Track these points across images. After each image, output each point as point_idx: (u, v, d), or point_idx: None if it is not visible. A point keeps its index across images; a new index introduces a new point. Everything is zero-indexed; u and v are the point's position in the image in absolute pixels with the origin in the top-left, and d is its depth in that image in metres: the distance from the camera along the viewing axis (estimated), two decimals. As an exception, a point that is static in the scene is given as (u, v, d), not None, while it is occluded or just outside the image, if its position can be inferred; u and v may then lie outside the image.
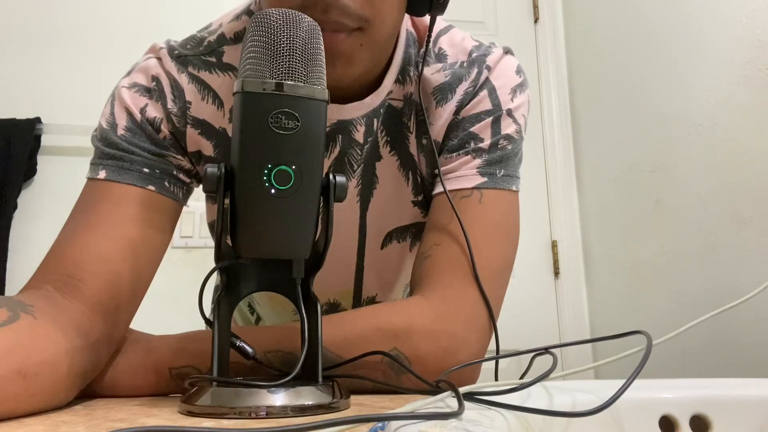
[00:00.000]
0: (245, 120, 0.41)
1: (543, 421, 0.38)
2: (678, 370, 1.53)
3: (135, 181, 0.57)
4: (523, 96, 0.66)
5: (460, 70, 0.64)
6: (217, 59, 0.61)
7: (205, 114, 0.60)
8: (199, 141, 0.61)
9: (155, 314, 0.88)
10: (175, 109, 0.59)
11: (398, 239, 0.71)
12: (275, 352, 0.51)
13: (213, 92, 0.60)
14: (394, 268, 0.74)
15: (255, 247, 0.43)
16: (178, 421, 0.39)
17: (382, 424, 0.31)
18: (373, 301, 0.77)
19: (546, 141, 2.21)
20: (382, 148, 0.66)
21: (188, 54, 0.61)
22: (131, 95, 0.59)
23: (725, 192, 1.46)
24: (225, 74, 0.61)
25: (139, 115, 0.59)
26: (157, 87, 0.60)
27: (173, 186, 0.60)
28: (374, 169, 0.66)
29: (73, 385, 0.46)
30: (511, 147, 0.63)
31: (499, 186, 0.61)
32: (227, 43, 0.62)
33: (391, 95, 0.64)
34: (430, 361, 0.53)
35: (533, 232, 2.14)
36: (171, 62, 0.60)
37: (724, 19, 1.48)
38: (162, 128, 0.59)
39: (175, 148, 0.60)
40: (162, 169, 0.59)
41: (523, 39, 2.30)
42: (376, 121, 0.64)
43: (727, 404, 0.43)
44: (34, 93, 1.82)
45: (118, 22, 1.90)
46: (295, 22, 0.42)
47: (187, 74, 0.60)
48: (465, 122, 0.63)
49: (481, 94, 0.63)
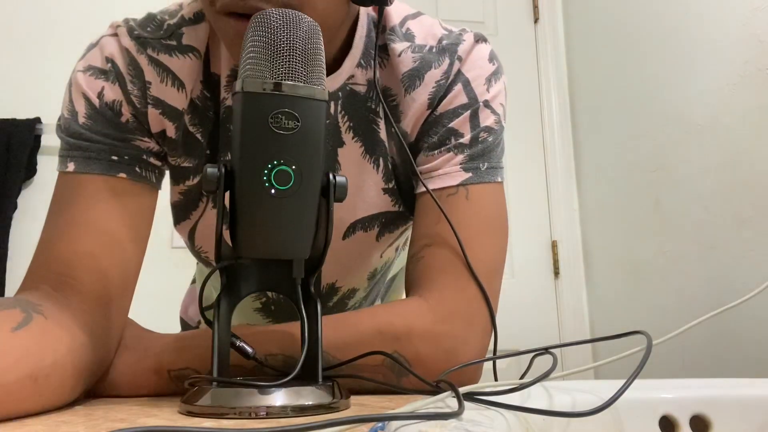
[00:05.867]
0: (245, 120, 0.41)
1: (543, 421, 0.38)
2: (678, 370, 1.53)
3: (104, 171, 0.56)
4: (499, 84, 0.64)
5: (429, 56, 0.62)
6: (177, 42, 0.59)
7: (166, 96, 0.59)
8: (162, 121, 0.59)
9: (155, 314, 0.88)
10: (135, 90, 0.58)
11: (364, 228, 0.68)
12: (275, 356, 0.51)
13: (173, 74, 0.59)
14: (357, 257, 0.72)
15: (255, 247, 0.43)
16: (178, 422, 0.39)
17: (382, 424, 0.31)
18: (333, 288, 0.75)
19: (546, 141, 2.21)
20: (345, 133, 0.64)
21: (147, 37, 0.59)
22: (86, 79, 0.58)
23: (725, 192, 1.46)
24: (185, 56, 0.59)
25: (97, 100, 0.57)
26: (113, 68, 0.58)
27: (144, 171, 0.59)
28: (336, 156, 0.64)
29: (79, 382, 0.47)
30: (492, 138, 0.62)
31: (485, 180, 0.61)
32: (186, 24, 0.60)
33: (353, 80, 0.63)
34: (431, 363, 0.53)
35: (533, 232, 2.14)
36: (130, 41, 0.58)
37: (724, 19, 1.48)
38: (122, 111, 0.57)
39: (139, 131, 0.59)
40: (130, 155, 0.57)
41: (523, 39, 2.30)
42: (334, 105, 0.63)
43: (727, 404, 0.43)
44: (34, 93, 1.82)
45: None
46: (295, 23, 0.42)
47: (146, 56, 0.58)
48: (443, 118, 0.62)
49: (455, 88, 0.62)
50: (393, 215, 0.69)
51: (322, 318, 0.47)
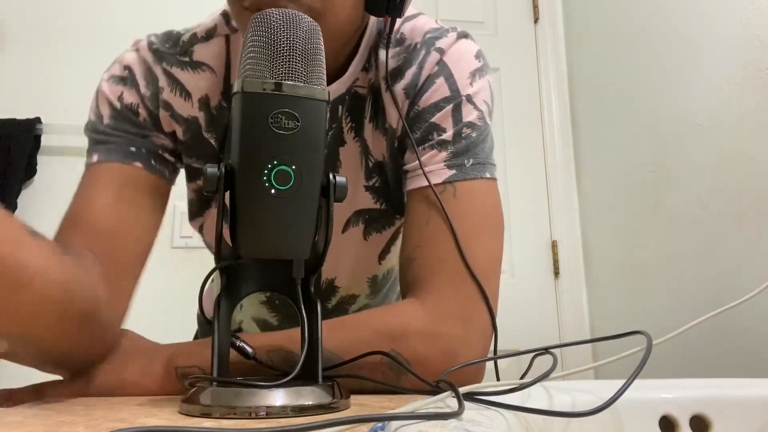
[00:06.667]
0: (245, 120, 0.41)
1: (543, 421, 0.38)
2: (678, 370, 1.53)
3: (122, 159, 0.62)
4: (483, 81, 0.64)
5: (411, 53, 0.63)
6: (189, 58, 0.65)
7: (174, 102, 0.65)
8: (171, 123, 0.66)
9: (155, 314, 0.88)
10: (148, 94, 0.64)
11: (353, 224, 0.71)
12: (276, 351, 0.51)
13: (181, 86, 0.65)
14: (350, 255, 0.74)
15: (255, 247, 0.43)
16: (178, 421, 0.39)
17: (382, 424, 0.31)
18: (332, 286, 0.77)
19: (546, 141, 2.21)
20: (347, 134, 0.66)
21: (164, 52, 0.66)
22: (109, 87, 0.65)
23: (725, 192, 1.46)
24: (195, 71, 0.65)
25: (118, 103, 0.64)
26: (129, 75, 0.65)
27: (159, 164, 0.65)
28: (338, 154, 0.67)
29: (74, 317, 0.49)
30: (476, 134, 0.61)
31: (470, 176, 0.60)
32: (198, 42, 0.66)
33: (357, 83, 0.65)
34: (429, 364, 0.53)
35: (533, 232, 2.14)
36: (148, 53, 0.66)
37: (724, 19, 1.48)
38: (140, 111, 0.64)
39: (156, 128, 0.65)
40: (147, 148, 0.64)
41: (523, 39, 2.30)
42: (341, 108, 0.65)
43: (727, 404, 0.43)
44: (34, 93, 1.82)
45: (118, 22, 1.90)
46: (295, 23, 0.42)
47: (160, 68, 0.65)
48: (425, 113, 0.62)
49: (438, 81, 0.62)
50: (376, 213, 0.70)
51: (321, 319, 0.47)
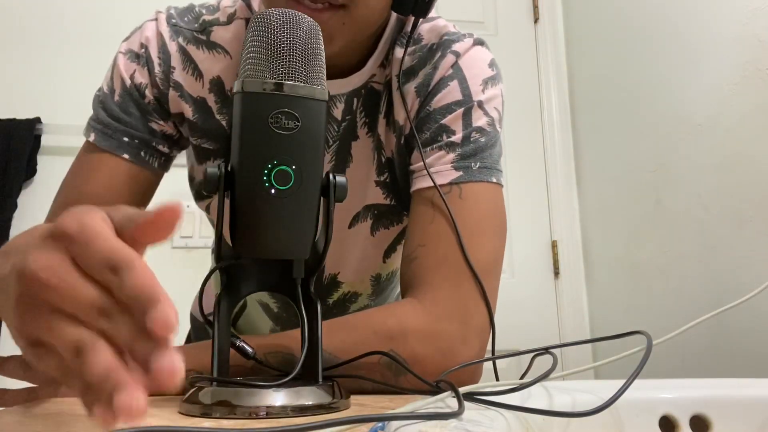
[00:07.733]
0: (245, 120, 0.41)
1: (543, 421, 0.38)
2: (678, 370, 1.53)
3: (113, 149, 0.64)
4: (496, 89, 0.65)
5: (427, 53, 0.64)
6: (206, 37, 0.65)
7: (185, 82, 0.65)
8: (180, 103, 0.65)
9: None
10: (160, 73, 0.64)
11: (362, 218, 0.71)
12: (275, 353, 0.51)
13: (194, 65, 0.65)
14: (356, 250, 0.74)
15: (255, 247, 0.43)
16: (178, 421, 0.39)
17: (382, 424, 0.31)
18: (335, 281, 0.77)
19: (546, 141, 2.21)
20: (360, 128, 0.67)
21: (182, 27, 0.66)
22: (124, 62, 0.65)
23: (725, 192, 1.46)
24: (210, 52, 0.65)
25: (129, 81, 0.64)
26: (145, 53, 0.65)
27: (148, 156, 0.65)
28: (350, 148, 0.67)
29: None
30: (485, 140, 0.62)
31: (476, 179, 0.60)
32: (218, 24, 0.66)
33: (374, 78, 0.65)
34: (428, 363, 0.53)
35: (533, 232, 2.14)
36: (166, 27, 0.65)
37: (724, 19, 1.48)
38: (147, 93, 0.65)
39: (158, 113, 0.65)
40: (140, 138, 0.64)
41: (523, 39, 2.29)
42: (357, 101, 0.65)
43: (727, 404, 0.43)
44: (34, 93, 1.81)
45: (118, 22, 1.90)
46: (295, 23, 0.42)
47: (176, 43, 0.65)
48: (436, 114, 0.62)
49: (451, 83, 0.62)
50: (385, 209, 0.70)
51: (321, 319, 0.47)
